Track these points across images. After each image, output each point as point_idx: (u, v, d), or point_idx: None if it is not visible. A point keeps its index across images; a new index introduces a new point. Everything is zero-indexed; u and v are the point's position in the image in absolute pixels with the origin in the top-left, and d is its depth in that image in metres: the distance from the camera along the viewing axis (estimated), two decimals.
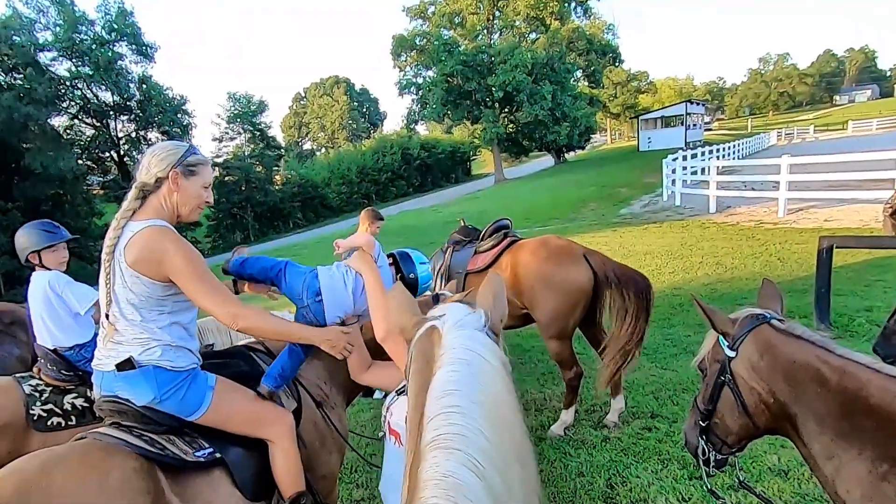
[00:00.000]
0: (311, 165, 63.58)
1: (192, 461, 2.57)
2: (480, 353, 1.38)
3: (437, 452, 1.14)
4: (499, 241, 5.69)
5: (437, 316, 1.57)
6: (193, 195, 2.66)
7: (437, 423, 1.20)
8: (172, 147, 2.65)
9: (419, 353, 1.50)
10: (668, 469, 4.29)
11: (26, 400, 3.55)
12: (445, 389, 1.28)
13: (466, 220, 6.68)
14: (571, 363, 5.08)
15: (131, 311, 2.49)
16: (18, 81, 32.93)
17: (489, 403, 1.24)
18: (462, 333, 1.45)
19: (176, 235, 2.52)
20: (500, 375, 1.35)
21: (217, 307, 2.51)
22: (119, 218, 2.52)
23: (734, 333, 2.14)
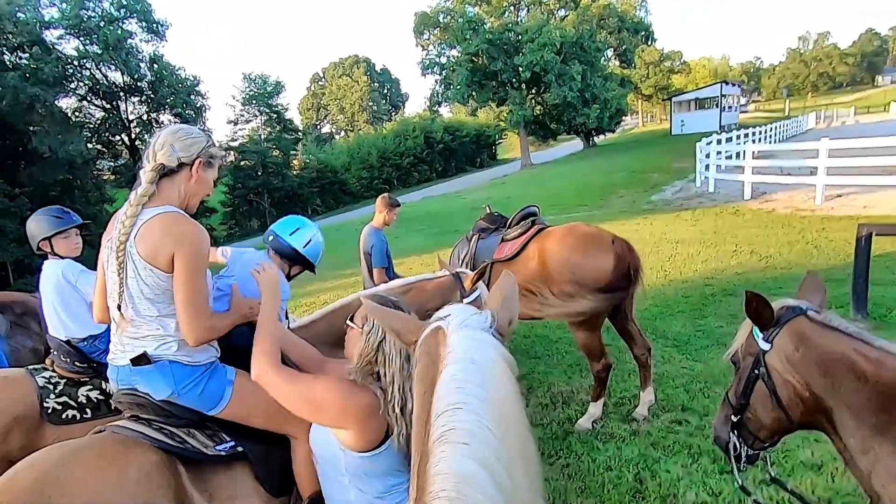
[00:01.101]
0: (329, 149, 63.46)
1: (213, 455, 2.59)
2: (486, 352, 1.43)
3: (446, 447, 1.18)
4: (526, 229, 5.67)
5: (442, 317, 1.62)
6: (207, 188, 2.66)
7: (444, 420, 1.25)
8: (197, 133, 2.62)
9: (425, 354, 1.55)
10: (698, 463, 4.32)
11: (40, 392, 3.51)
12: (452, 387, 1.33)
13: (492, 207, 6.68)
14: (600, 354, 5.09)
15: (146, 305, 2.46)
16: (24, 61, 32.72)
17: (495, 401, 1.30)
18: (467, 333, 1.50)
19: (192, 224, 2.49)
20: (505, 374, 1.40)
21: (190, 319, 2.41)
22: (135, 204, 2.45)
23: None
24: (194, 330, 2.43)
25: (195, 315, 2.43)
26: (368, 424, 2.19)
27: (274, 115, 52.86)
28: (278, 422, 2.71)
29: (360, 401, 2.19)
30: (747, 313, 2.18)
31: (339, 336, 3.45)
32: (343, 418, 2.19)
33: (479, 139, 67.36)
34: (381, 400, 2.20)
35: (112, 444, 2.41)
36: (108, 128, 41.35)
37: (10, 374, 3.71)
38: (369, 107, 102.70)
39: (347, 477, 2.26)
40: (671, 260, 10.64)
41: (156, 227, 2.40)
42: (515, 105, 46.89)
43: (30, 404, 3.44)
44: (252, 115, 53.02)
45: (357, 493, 2.26)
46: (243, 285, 2.92)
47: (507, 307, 1.65)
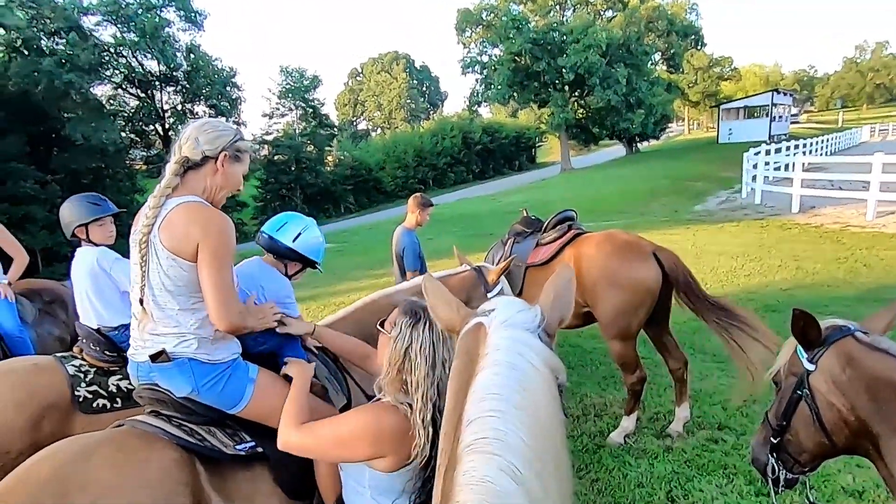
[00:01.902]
0: (365, 147, 63.37)
1: (233, 454, 2.59)
2: (526, 356, 1.38)
3: (475, 456, 1.16)
4: (562, 234, 5.66)
5: (486, 311, 1.55)
6: (234, 182, 2.67)
7: (476, 427, 1.22)
8: (224, 126, 2.65)
9: (463, 350, 1.50)
10: (733, 484, 4.26)
11: (71, 381, 3.55)
12: (487, 393, 1.29)
13: (528, 211, 6.66)
14: (634, 366, 5.04)
15: (166, 298, 2.47)
16: (60, 47, 33.01)
17: (531, 409, 1.26)
18: (510, 334, 1.44)
19: (217, 212, 2.52)
20: (544, 381, 1.36)
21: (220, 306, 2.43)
22: (158, 195, 2.48)
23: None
24: (225, 315, 2.44)
25: (225, 301, 2.45)
26: (401, 448, 2.16)
27: (310, 109, 52.97)
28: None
29: (389, 427, 2.16)
30: (793, 331, 2.14)
31: (365, 335, 3.47)
32: (377, 449, 2.16)
33: (519, 141, 67.15)
34: (411, 418, 2.16)
35: (131, 439, 2.42)
36: (142, 117, 41.72)
37: (39, 360, 3.75)
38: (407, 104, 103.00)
39: (369, 491, 2.24)
40: (713, 273, 10.52)
41: (180, 216, 2.42)
42: (557, 107, 46.69)
43: (61, 392, 3.47)
44: (287, 109, 53.22)
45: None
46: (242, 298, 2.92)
47: (559, 305, 1.58)
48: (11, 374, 3.45)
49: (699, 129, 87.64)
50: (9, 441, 3.17)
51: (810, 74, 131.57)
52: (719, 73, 79.89)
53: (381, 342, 2.42)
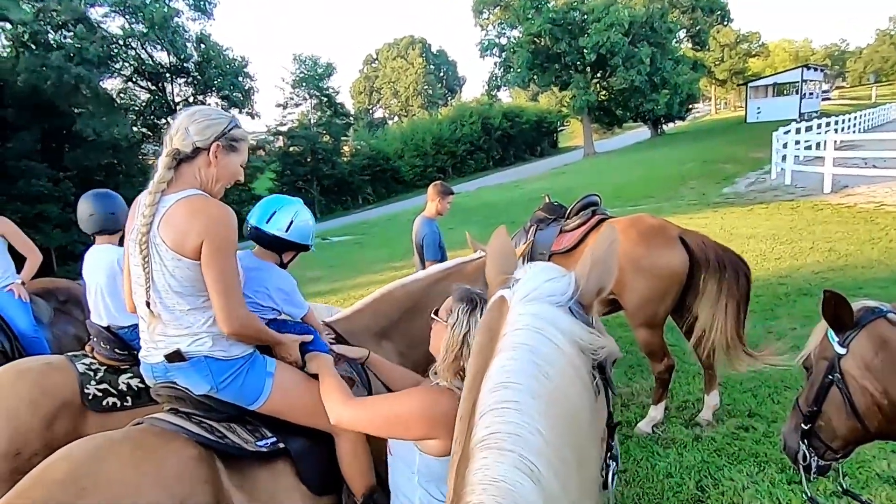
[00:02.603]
0: (382, 135, 63.35)
1: (253, 451, 2.57)
2: (550, 335, 1.27)
3: (488, 453, 1.11)
4: (586, 220, 5.66)
5: (511, 280, 1.46)
6: (230, 173, 2.60)
7: (488, 420, 1.16)
8: (215, 115, 2.57)
9: (484, 328, 1.41)
10: (764, 472, 4.27)
11: (80, 379, 3.60)
12: (501, 381, 1.21)
13: (551, 197, 6.65)
14: (662, 355, 5.05)
15: (174, 299, 2.44)
16: (68, 40, 32.91)
17: (551, 398, 1.18)
18: (532, 310, 1.33)
19: (218, 206, 2.46)
20: (570, 365, 1.26)
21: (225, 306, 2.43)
22: (153, 192, 2.42)
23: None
24: (231, 320, 2.44)
25: (230, 304, 2.44)
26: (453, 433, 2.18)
27: (324, 98, 52.65)
28: (321, 417, 2.67)
29: (445, 409, 2.12)
30: (824, 314, 2.13)
31: (383, 327, 3.48)
32: (432, 430, 2.18)
33: (540, 126, 66.78)
34: None
35: (150, 437, 2.43)
36: (153, 110, 41.59)
37: (52, 359, 3.81)
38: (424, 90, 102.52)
39: (417, 476, 2.26)
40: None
41: (180, 213, 2.38)
42: (579, 90, 46.33)
43: (73, 391, 3.52)
44: (302, 99, 52.93)
45: (423, 494, 2.26)
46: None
47: (597, 272, 1.42)
48: (25, 374, 3.51)
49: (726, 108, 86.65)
50: (23, 441, 3.23)
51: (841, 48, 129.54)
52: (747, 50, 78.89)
53: (436, 330, 2.44)
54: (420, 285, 3.81)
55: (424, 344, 3.48)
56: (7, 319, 5.14)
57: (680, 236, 5.00)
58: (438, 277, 3.88)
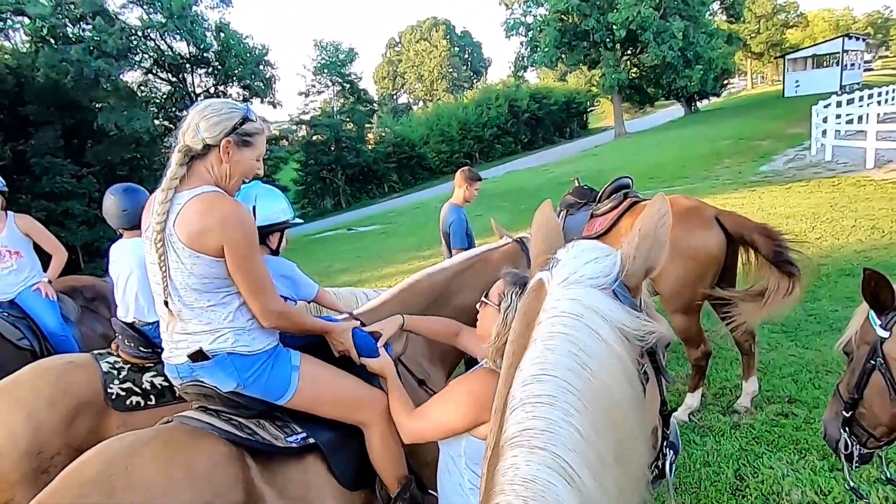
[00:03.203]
0: (407, 121, 63.23)
1: (284, 447, 2.61)
2: (590, 323, 1.21)
3: (518, 451, 1.07)
4: (618, 203, 5.64)
5: (551, 262, 1.40)
6: (245, 168, 2.59)
7: (520, 416, 1.12)
8: (226, 110, 2.53)
9: (521, 313, 1.37)
10: (805, 460, 4.26)
11: (104, 378, 3.64)
12: (533, 373, 1.17)
13: (581, 180, 6.62)
14: (698, 341, 5.03)
15: (194, 297, 2.45)
16: (87, 33, 33.22)
17: (591, 392, 1.14)
18: (571, 294, 1.27)
19: (233, 202, 2.47)
20: (612, 354, 1.20)
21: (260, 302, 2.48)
22: (165, 189, 2.42)
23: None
24: (269, 315, 2.50)
25: (265, 301, 2.49)
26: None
27: (347, 85, 52.77)
28: (349, 410, 2.74)
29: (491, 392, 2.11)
30: (864, 294, 2.11)
31: None
32: (481, 415, 2.20)
33: (569, 107, 66.14)
34: None
35: (179, 435, 2.46)
36: (174, 102, 41.78)
37: (75, 358, 3.87)
38: (449, 74, 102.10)
39: (464, 458, 2.30)
40: None
41: (194, 210, 2.38)
42: (609, 68, 45.88)
43: (95, 389, 3.57)
44: (324, 86, 53.07)
45: (471, 476, 2.29)
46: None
47: (645, 249, 1.35)
48: (47, 373, 3.57)
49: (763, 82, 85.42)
50: (44, 440, 3.29)
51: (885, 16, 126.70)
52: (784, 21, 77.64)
53: (485, 313, 2.48)
54: (445, 275, 3.84)
55: None
56: (35, 318, 5.26)
57: (716, 217, 4.96)
58: (463, 267, 3.90)
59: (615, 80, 45.81)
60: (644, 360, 1.33)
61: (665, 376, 1.44)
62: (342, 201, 48.86)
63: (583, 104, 68.16)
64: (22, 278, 5.44)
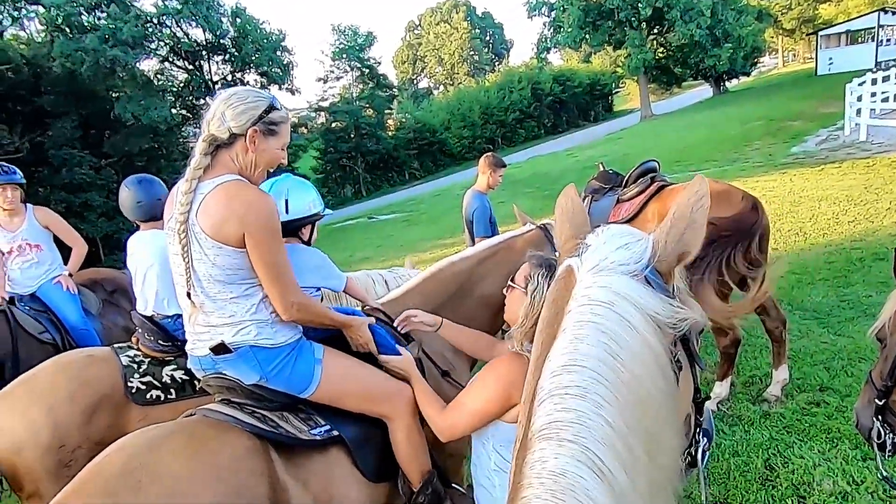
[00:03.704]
0: (427, 107, 63.27)
1: (308, 440, 2.63)
2: (621, 311, 1.20)
3: (546, 444, 1.06)
4: (645, 187, 5.62)
5: (580, 247, 1.39)
6: (270, 157, 2.62)
7: (548, 407, 1.11)
8: (253, 99, 2.55)
9: (550, 301, 1.35)
10: (837, 449, 4.25)
11: (124, 372, 3.71)
12: (563, 364, 1.16)
13: (606, 165, 6.60)
14: (727, 328, 4.99)
15: (217, 288, 2.48)
16: (102, 21, 33.51)
17: (621, 382, 1.12)
18: (601, 281, 1.26)
19: (256, 190, 2.50)
20: (644, 344, 1.19)
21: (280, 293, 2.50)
22: (189, 179, 2.44)
23: None
24: (288, 307, 2.52)
25: (285, 291, 2.51)
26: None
27: (366, 70, 52.77)
28: (373, 402, 2.77)
29: (519, 376, 2.10)
30: None
31: (433, 307, 3.52)
32: (511, 399, 2.24)
33: (593, 89, 65.64)
34: None
35: (203, 429, 2.49)
36: (191, 91, 41.99)
37: (95, 352, 3.95)
38: (470, 57, 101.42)
39: (492, 441, 2.34)
40: (813, 221, 10.28)
41: (217, 200, 2.40)
42: (634, 48, 45.41)
43: (114, 383, 3.64)
44: (343, 72, 53.04)
45: (497, 459, 2.33)
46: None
47: (678, 233, 1.32)
48: (67, 367, 3.64)
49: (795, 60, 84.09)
50: (64, 434, 3.36)
51: None
52: None
53: (512, 297, 2.50)
54: (469, 263, 3.85)
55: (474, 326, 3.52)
56: (57, 312, 5.36)
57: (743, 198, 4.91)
58: (487, 255, 3.91)
59: (641, 60, 45.37)
60: (677, 349, 1.32)
61: (699, 364, 1.44)
62: (362, 189, 48.95)
63: (608, 86, 67.66)
64: (42, 271, 5.52)
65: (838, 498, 3.80)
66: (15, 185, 5.44)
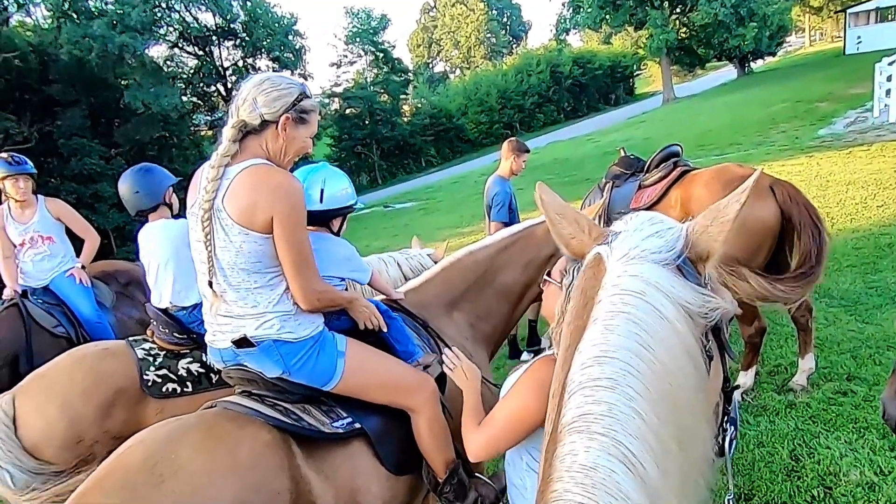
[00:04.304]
0: (443, 91, 62.74)
1: (330, 432, 2.63)
2: (652, 301, 1.20)
3: (576, 437, 1.06)
4: (667, 172, 5.58)
5: (610, 236, 1.38)
6: (299, 146, 2.63)
7: (578, 400, 1.11)
8: (286, 85, 2.54)
9: (578, 291, 1.35)
10: (864, 439, 4.27)
11: (139, 365, 3.74)
12: (593, 355, 1.15)
13: (627, 150, 6.58)
14: (752, 317, 5.00)
15: (240, 277, 2.48)
16: (110, 6, 32.99)
17: (653, 374, 1.12)
18: (632, 270, 1.25)
19: (283, 174, 2.50)
20: (676, 334, 1.19)
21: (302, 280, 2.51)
22: (216, 165, 2.44)
23: None
24: (308, 295, 2.53)
25: (307, 279, 2.52)
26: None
27: (380, 54, 52.31)
28: (396, 395, 2.78)
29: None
30: None
31: (453, 296, 3.53)
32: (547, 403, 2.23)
33: (614, 71, 65.09)
34: None
35: (223, 422, 2.49)
36: (202, 77, 41.71)
37: (110, 345, 3.98)
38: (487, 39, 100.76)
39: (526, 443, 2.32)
40: (840, 206, 10.21)
41: (245, 184, 2.40)
42: (656, 28, 44.95)
43: (130, 377, 3.67)
44: (356, 56, 52.68)
45: (530, 461, 2.32)
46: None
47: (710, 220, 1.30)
48: (81, 361, 3.68)
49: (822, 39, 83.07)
50: (80, 429, 3.40)
51: None
52: None
53: (549, 292, 2.46)
54: (488, 252, 3.80)
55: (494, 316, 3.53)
56: (70, 305, 5.39)
57: (771, 186, 4.89)
58: (507, 243, 3.85)
59: (663, 40, 44.93)
60: (709, 339, 1.32)
61: (729, 353, 1.44)
62: (378, 177, 48.68)
63: (629, 68, 67.02)
64: (55, 264, 5.56)
65: (865, 488, 3.81)
66: (27, 176, 5.47)
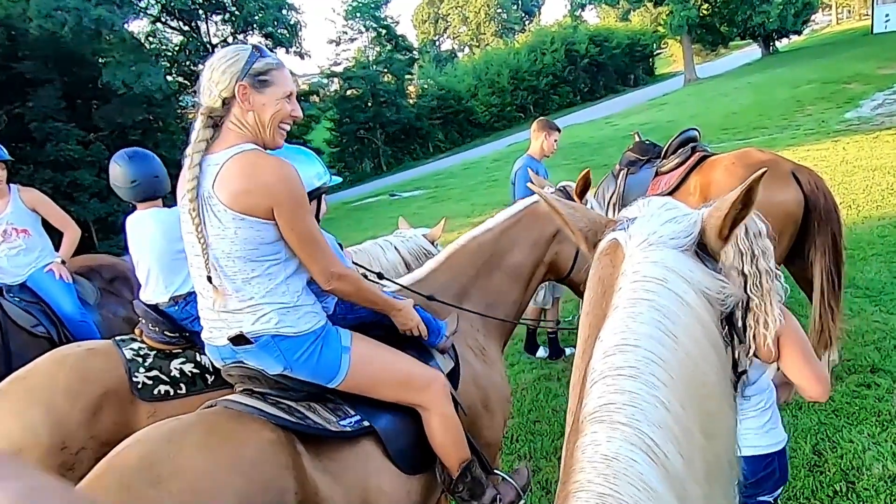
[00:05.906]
0: (452, 71, 61.46)
1: (337, 431, 2.60)
2: (674, 287, 1.21)
3: (598, 427, 1.07)
4: (685, 158, 5.57)
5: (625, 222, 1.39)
6: (274, 111, 2.51)
7: (600, 389, 1.12)
8: (232, 54, 2.46)
9: (596, 280, 1.35)
10: (888, 432, 4.31)
11: (128, 366, 3.60)
12: (615, 343, 1.16)
13: (647, 134, 6.56)
14: None
15: (236, 266, 2.44)
16: None
17: (677, 362, 1.14)
18: (652, 256, 1.27)
19: (276, 159, 2.44)
20: (698, 321, 1.21)
21: (318, 263, 2.51)
22: (191, 154, 2.41)
23: None
24: (328, 275, 2.53)
25: (324, 259, 2.52)
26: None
27: (383, 30, 50.91)
28: (406, 392, 2.76)
29: None
30: None
31: (462, 284, 3.56)
32: None
33: (633, 50, 64.61)
34: None
35: (224, 421, 2.47)
36: (188, 55, 39.72)
37: (95, 345, 3.87)
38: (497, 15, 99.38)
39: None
40: (866, 192, 10.20)
41: (236, 171, 2.37)
42: (677, 4, 44.58)
43: (118, 378, 3.55)
44: (357, 33, 51.16)
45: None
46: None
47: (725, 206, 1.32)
48: (64, 362, 3.55)
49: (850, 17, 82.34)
50: (65, 433, 3.28)
51: None
52: None
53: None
54: (492, 234, 3.75)
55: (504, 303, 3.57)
56: (50, 303, 5.21)
57: (792, 172, 4.90)
58: (510, 223, 3.80)
59: (684, 17, 44.57)
60: (724, 326, 1.34)
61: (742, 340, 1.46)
62: (382, 164, 47.93)
63: (649, 47, 66.58)
64: (32, 259, 5.34)
65: (888, 482, 3.86)
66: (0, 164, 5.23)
